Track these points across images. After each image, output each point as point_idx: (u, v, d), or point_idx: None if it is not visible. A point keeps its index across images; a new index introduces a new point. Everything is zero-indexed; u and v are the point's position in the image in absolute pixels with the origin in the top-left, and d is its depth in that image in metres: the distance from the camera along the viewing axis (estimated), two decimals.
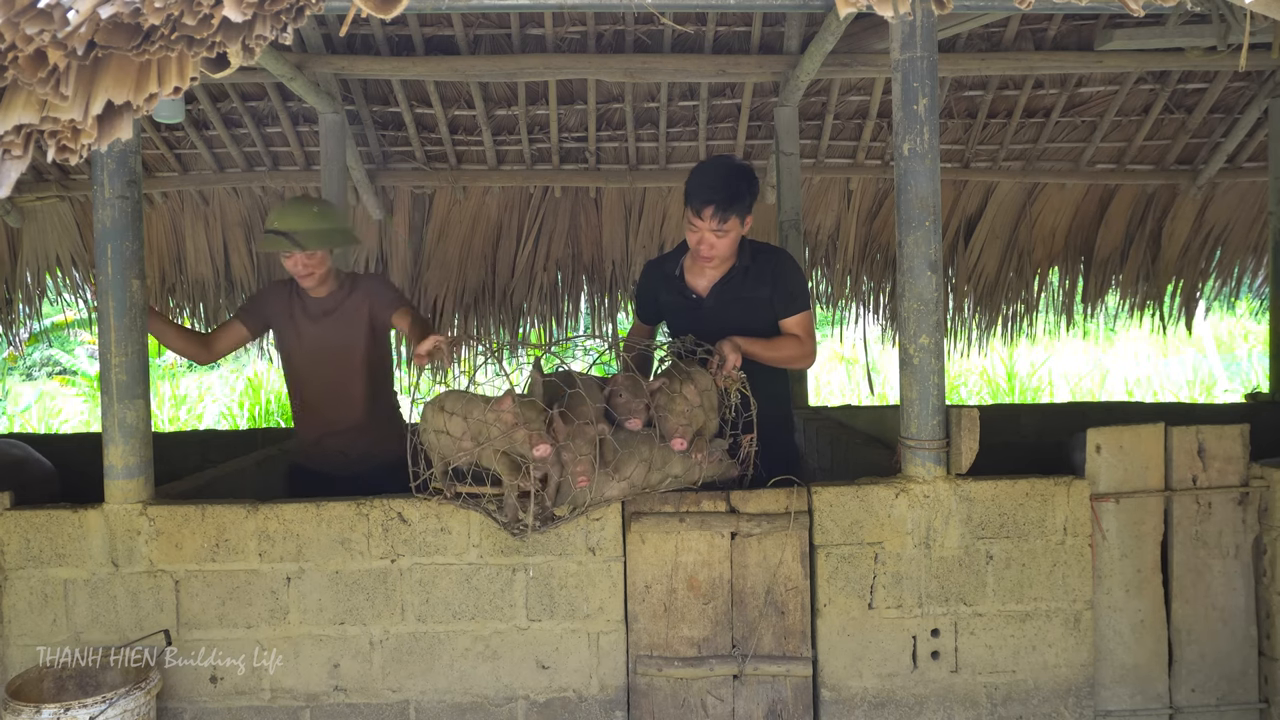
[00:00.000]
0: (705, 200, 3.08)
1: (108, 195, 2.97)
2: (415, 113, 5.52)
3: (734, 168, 3.19)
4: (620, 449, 2.85)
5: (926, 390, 2.98)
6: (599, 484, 2.84)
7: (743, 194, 3.12)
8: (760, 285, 3.27)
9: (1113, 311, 6.95)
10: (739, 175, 3.15)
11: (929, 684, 3.02)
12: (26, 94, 1.80)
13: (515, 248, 6.24)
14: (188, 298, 6.36)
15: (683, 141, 5.85)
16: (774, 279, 3.27)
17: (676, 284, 3.34)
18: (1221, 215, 6.32)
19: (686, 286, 3.33)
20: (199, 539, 2.97)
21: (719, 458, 3.02)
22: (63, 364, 13.22)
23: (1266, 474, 3.08)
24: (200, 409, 10.67)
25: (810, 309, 3.33)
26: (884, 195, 6.17)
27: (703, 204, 3.09)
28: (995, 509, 3.01)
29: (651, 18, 4.75)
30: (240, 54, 1.86)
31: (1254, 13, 1.89)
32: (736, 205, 3.10)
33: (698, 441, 2.94)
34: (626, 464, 2.86)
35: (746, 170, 3.20)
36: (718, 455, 3.02)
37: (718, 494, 3.00)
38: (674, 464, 2.94)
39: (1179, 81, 5.52)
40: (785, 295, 3.27)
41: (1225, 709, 3.10)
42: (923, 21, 2.92)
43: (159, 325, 3.43)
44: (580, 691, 3.01)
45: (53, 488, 4.28)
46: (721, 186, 3.10)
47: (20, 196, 5.87)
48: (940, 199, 2.97)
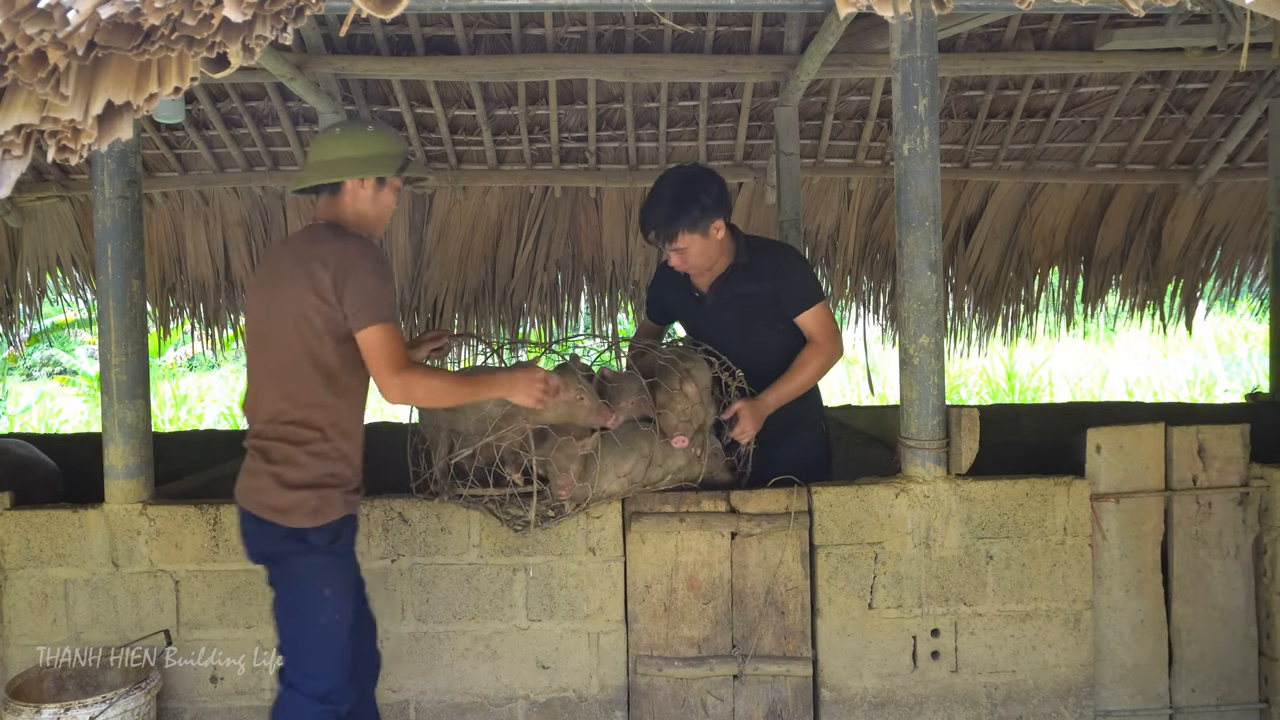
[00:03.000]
0: (643, 225, 3.08)
1: (108, 195, 2.97)
2: (415, 113, 5.51)
3: (677, 181, 3.07)
4: (620, 444, 2.86)
5: (926, 390, 2.98)
6: (598, 479, 2.83)
7: (686, 207, 3.00)
8: (760, 281, 3.16)
9: (1113, 311, 6.94)
10: (683, 187, 3.03)
11: (929, 684, 3.02)
12: (26, 94, 1.80)
13: (515, 248, 6.23)
14: (188, 298, 6.35)
15: (683, 141, 5.84)
16: (776, 277, 3.17)
17: (683, 282, 3.31)
18: (1222, 215, 6.32)
19: (691, 284, 3.31)
20: (199, 539, 2.97)
21: (716, 450, 3.03)
22: (63, 364, 13.22)
23: (1267, 474, 3.08)
24: (200, 409, 10.67)
25: (823, 300, 3.19)
26: (884, 195, 6.16)
27: (646, 229, 3.07)
28: (995, 509, 3.00)
29: (651, 18, 4.75)
30: (240, 54, 1.86)
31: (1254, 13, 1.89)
32: (679, 221, 2.99)
33: (697, 437, 2.94)
34: (626, 459, 2.86)
35: (695, 177, 3.07)
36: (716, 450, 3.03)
37: (718, 494, 3.00)
38: (675, 459, 2.94)
39: (1179, 81, 5.52)
40: (792, 293, 3.16)
41: (1225, 709, 3.10)
42: (923, 21, 2.92)
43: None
44: (580, 691, 3.01)
45: (57, 488, 4.28)
46: (657, 208, 3.03)
47: (20, 196, 5.86)
48: (940, 199, 2.97)
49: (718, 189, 3.07)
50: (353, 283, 2.42)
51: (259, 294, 2.63)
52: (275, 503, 2.47)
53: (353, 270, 2.43)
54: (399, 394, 2.42)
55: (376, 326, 2.41)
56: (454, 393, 2.54)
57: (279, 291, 2.52)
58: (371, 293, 2.42)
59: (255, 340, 2.62)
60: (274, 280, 2.56)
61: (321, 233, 2.54)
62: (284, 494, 2.47)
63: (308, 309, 2.45)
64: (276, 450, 2.50)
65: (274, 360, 2.53)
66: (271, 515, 2.48)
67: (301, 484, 2.47)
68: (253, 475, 2.53)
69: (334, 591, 2.52)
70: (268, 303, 2.56)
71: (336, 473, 2.52)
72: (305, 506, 2.46)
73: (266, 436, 2.52)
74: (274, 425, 2.52)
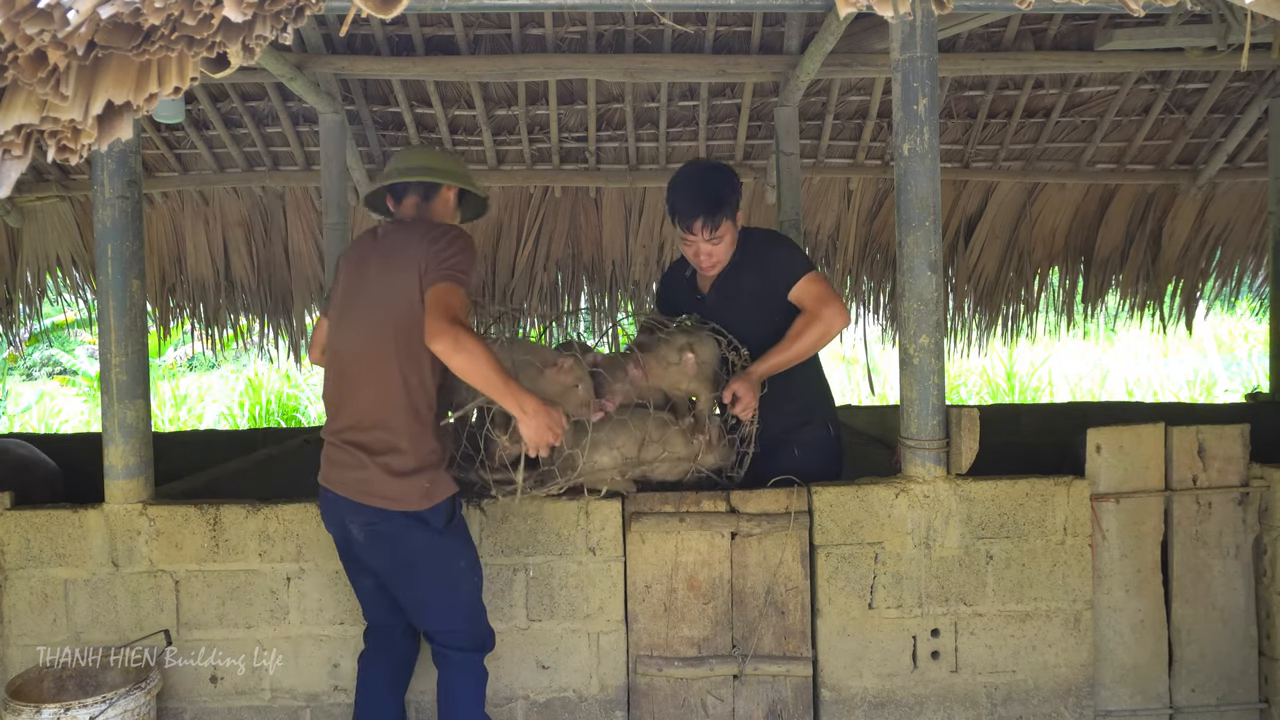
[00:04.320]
0: (693, 214, 3.02)
1: (108, 195, 2.97)
2: (415, 113, 5.52)
3: (710, 171, 3.10)
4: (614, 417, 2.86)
5: (926, 390, 2.98)
6: (589, 451, 2.82)
7: (726, 195, 3.04)
8: (755, 273, 3.13)
9: (1113, 311, 6.95)
10: (718, 177, 3.07)
11: (929, 684, 3.02)
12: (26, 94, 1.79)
13: (515, 248, 6.24)
14: (188, 298, 6.36)
15: (683, 141, 5.84)
16: (761, 262, 3.13)
17: (688, 284, 3.31)
18: (1222, 215, 6.32)
19: (695, 287, 3.30)
20: (199, 539, 2.97)
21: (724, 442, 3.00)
22: (63, 364, 13.22)
23: (1267, 474, 3.08)
24: (200, 409, 10.67)
25: (812, 270, 3.09)
26: (884, 195, 6.17)
27: (691, 219, 3.02)
28: (995, 509, 3.00)
29: (651, 18, 4.75)
30: (240, 54, 1.86)
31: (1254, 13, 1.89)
32: (724, 209, 3.02)
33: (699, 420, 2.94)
34: (618, 434, 2.85)
35: (724, 169, 3.12)
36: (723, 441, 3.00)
37: (718, 494, 3.00)
38: (675, 442, 2.92)
39: (1179, 81, 5.52)
40: (780, 270, 3.09)
41: (1225, 709, 3.10)
42: (923, 21, 2.92)
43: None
44: (580, 691, 3.01)
45: (58, 488, 4.29)
46: (704, 196, 3.03)
47: (20, 196, 5.86)
48: (940, 199, 2.97)
49: (738, 181, 3.15)
50: (447, 250, 2.55)
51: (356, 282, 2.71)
52: (386, 491, 2.56)
53: (449, 242, 2.58)
54: (449, 342, 2.42)
55: (451, 284, 2.51)
56: (487, 376, 2.49)
57: (389, 276, 2.62)
58: (455, 260, 2.54)
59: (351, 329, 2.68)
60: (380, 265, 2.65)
61: (418, 224, 2.70)
62: (393, 482, 2.56)
63: (411, 289, 2.55)
64: (380, 441, 2.59)
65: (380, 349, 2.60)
66: (385, 504, 2.57)
67: (409, 470, 2.57)
68: (360, 468, 2.59)
69: (467, 561, 2.70)
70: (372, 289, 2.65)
71: (439, 454, 2.65)
72: (418, 490, 2.57)
73: (369, 429, 2.60)
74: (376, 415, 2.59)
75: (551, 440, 2.61)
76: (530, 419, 2.55)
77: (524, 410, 2.55)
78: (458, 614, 2.70)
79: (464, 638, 2.70)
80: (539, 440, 2.59)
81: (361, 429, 2.61)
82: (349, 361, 2.66)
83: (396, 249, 2.64)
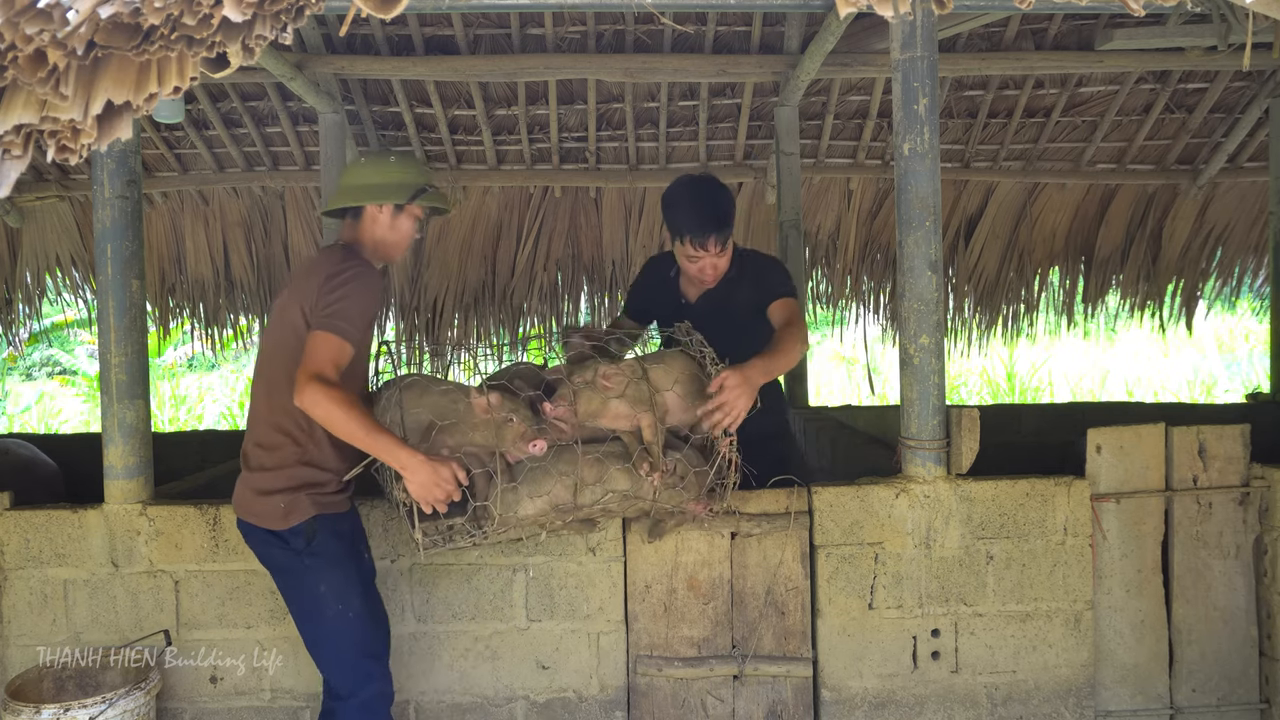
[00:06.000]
0: (707, 231, 3.02)
1: (108, 195, 2.97)
2: (415, 113, 5.51)
3: (713, 188, 3.12)
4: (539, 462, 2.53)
5: (926, 390, 2.98)
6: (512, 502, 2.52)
7: (731, 210, 3.13)
8: (753, 286, 3.16)
9: (1113, 311, 6.95)
10: (721, 193, 3.11)
11: (929, 684, 3.01)
12: (26, 94, 1.79)
13: (515, 248, 6.24)
14: (188, 298, 6.36)
15: (683, 141, 5.84)
16: (755, 280, 3.18)
17: (671, 287, 3.31)
18: (1222, 215, 6.32)
19: (679, 291, 3.30)
20: (199, 539, 2.97)
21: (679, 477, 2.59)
22: (63, 364, 13.22)
23: (1267, 474, 3.08)
24: (200, 409, 10.67)
25: (795, 295, 3.11)
26: (884, 195, 6.16)
27: (705, 236, 3.02)
28: (995, 509, 3.00)
29: (651, 18, 4.75)
30: (240, 54, 1.86)
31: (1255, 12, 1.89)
32: (732, 224, 3.11)
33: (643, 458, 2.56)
34: (544, 481, 2.53)
35: (720, 183, 3.15)
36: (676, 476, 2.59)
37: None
38: (618, 480, 2.56)
39: (1179, 81, 5.52)
40: (775, 282, 3.13)
41: (1226, 709, 3.10)
42: (923, 21, 2.92)
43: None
44: (580, 691, 3.01)
45: (58, 488, 4.29)
46: (715, 214, 3.05)
47: (20, 196, 5.86)
48: (940, 199, 2.97)
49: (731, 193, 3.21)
50: (333, 295, 2.47)
51: (277, 300, 2.73)
52: (251, 506, 2.59)
53: (338, 286, 2.48)
54: (305, 398, 2.37)
55: (330, 334, 2.42)
56: (349, 431, 2.39)
57: (279, 302, 2.65)
58: (343, 309, 2.46)
59: (259, 351, 2.74)
60: (287, 291, 2.66)
61: (332, 252, 2.63)
62: (257, 499, 2.58)
63: (295, 318, 2.54)
64: (254, 457, 2.62)
65: (264, 368, 2.64)
66: (250, 518, 2.60)
67: (271, 489, 2.56)
68: (240, 481, 2.65)
69: (329, 586, 2.57)
70: (274, 314, 2.66)
71: (305, 476, 2.57)
72: (275, 510, 2.55)
73: (250, 443, 2.64)
74: (255, 431, 2.63)
75: (440, 496, 2.42)
76: (410, 474, 2.40)
77: (402, 466, 2.40)
78: (325, 647, 2.58)
79: (333, 678, 2.59)
80: (425, 496, 2.42)
81: (247, 443, 2.65)
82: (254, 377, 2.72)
83: (298, 278, 2.63)
